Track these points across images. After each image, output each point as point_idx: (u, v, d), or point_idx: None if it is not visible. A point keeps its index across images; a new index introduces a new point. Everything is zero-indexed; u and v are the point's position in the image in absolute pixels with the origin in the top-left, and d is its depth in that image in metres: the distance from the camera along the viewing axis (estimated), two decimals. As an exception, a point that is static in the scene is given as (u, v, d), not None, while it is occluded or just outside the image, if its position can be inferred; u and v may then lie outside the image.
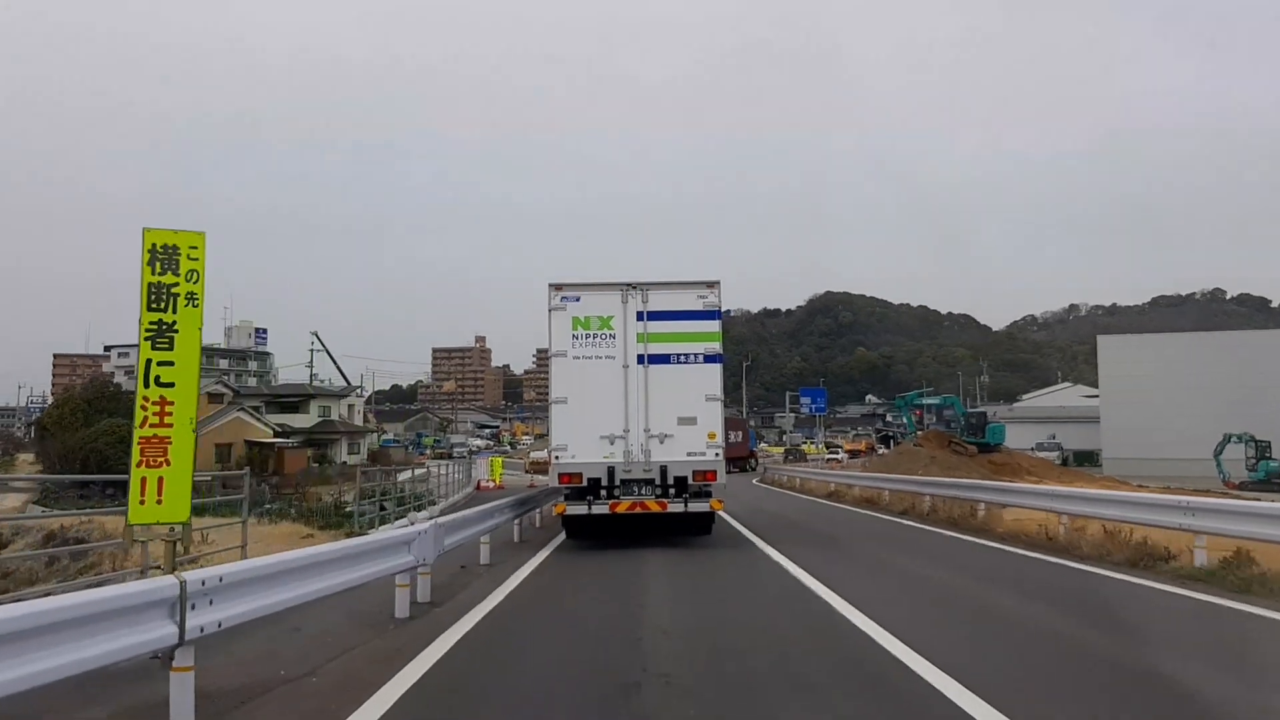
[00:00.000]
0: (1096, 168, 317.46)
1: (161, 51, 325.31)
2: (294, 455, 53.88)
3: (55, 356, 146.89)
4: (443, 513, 15.15)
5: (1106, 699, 5.78)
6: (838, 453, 76.55)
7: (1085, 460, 61.48)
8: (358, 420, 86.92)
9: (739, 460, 60.72)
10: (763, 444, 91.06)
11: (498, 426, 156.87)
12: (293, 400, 63.02)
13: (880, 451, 67.84)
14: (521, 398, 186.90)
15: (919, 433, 47.58)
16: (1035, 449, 57.55)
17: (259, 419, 54.54)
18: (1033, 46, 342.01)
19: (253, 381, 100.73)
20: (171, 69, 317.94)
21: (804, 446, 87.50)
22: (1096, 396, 65.01)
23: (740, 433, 64.05)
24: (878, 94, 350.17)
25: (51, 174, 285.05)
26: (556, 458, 14.49)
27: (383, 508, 20.72)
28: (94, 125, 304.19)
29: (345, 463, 56.67)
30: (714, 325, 14.86)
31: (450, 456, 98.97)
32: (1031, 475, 37.22)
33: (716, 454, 14.51)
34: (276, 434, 54.78)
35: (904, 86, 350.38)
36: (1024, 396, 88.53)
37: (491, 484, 39.13)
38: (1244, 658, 6.97)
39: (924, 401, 53.20)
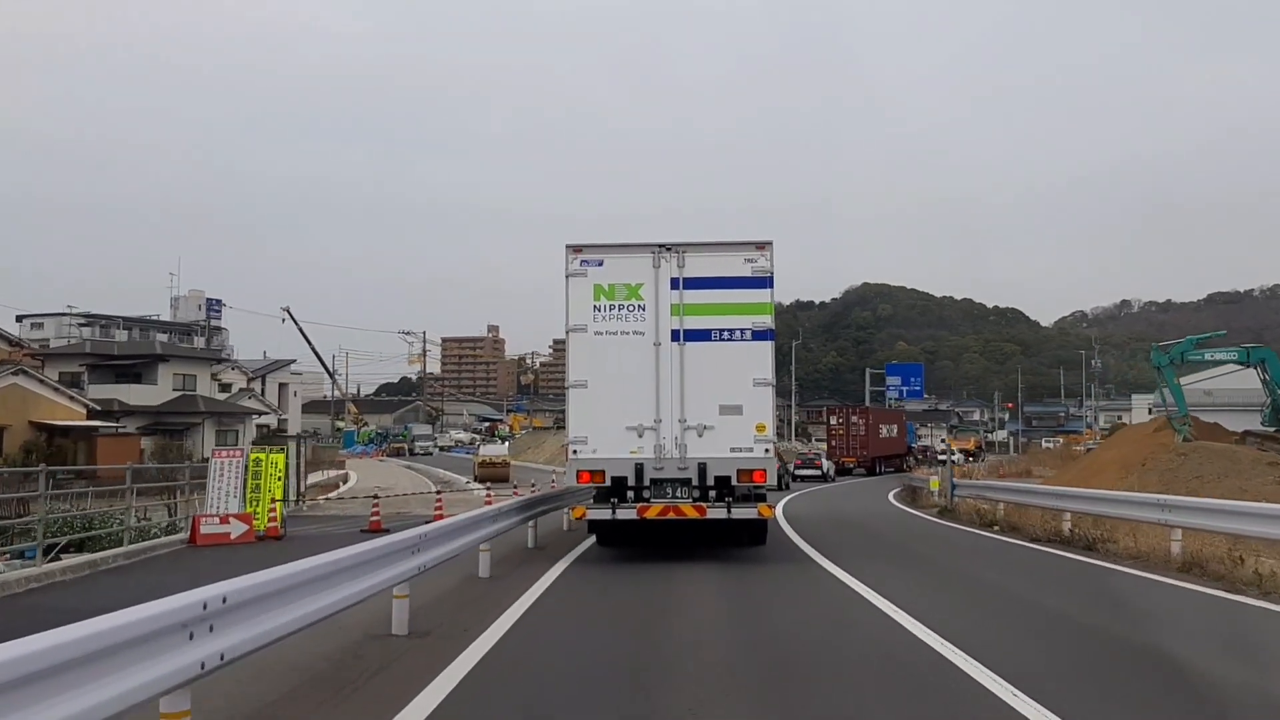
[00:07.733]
0: (1147, 164, 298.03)
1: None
2: (119, 444, 35.67)
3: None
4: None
5: None
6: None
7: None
8: (293, 404, 68.20)
9: (894, 459, 51.39)
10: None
11: (500, 419, 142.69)
12: (131, 364, 43.46)
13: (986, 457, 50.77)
14: (520, 382, 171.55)
15: (1187, 419, 26.39)
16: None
17: (63, 390, 35.66)
18: (1082, 44, 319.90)
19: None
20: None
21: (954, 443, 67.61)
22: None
23: (895, 426, 55.68)
24: (915, 84, 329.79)
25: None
26: (575, 452, 12.46)
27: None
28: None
29: (206, 458, 38.17)
30: (764, 295, 12.49)
31: (412, 453, 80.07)
32: None
33: (766, 450, 12.31)
34: (94, 413, 36.19)
35: (945, 76, 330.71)
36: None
37: (240, 528, 15.66)
38: None
39: (1208, 356, 29.72)
